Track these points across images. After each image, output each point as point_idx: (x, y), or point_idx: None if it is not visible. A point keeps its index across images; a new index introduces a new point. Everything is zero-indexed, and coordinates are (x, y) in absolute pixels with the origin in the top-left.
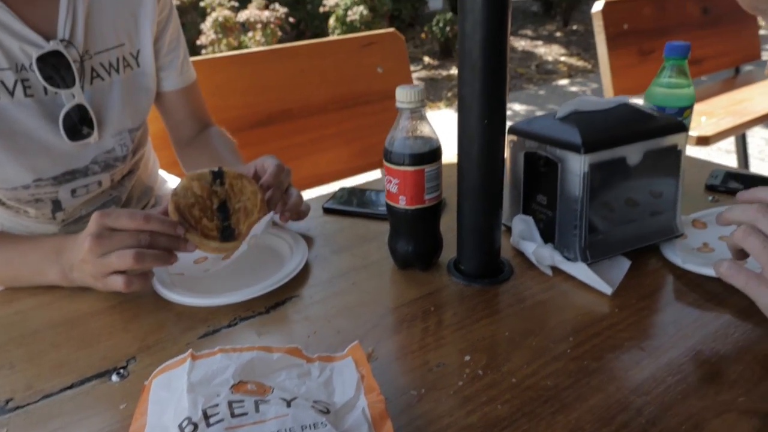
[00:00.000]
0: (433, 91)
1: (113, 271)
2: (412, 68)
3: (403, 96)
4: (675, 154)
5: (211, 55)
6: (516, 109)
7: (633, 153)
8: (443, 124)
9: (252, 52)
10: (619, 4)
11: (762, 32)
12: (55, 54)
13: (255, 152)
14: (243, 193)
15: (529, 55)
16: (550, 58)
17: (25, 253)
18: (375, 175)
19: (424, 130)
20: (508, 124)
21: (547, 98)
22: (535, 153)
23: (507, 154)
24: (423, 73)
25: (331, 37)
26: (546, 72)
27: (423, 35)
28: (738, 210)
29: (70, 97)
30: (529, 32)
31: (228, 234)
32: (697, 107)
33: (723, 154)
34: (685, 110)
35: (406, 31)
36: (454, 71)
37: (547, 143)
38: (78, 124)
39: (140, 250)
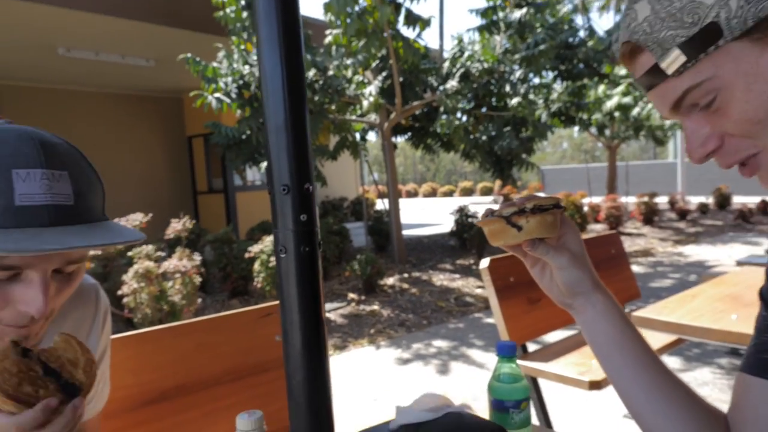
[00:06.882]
0: (357, 328)
1: None
2: (336, 305)
3: (243, 425)
4: None
5: None
6: (437, 344)
7: None
8: (365, 364)
9: (146, 332)
10: (504, 259)
11: (638, 271)
12: None
13: (147, 431)
14: (55, 348)
15: (447, 289)
16: (467, 291)
17: None
18: None
19: None
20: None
21: (466, 330)
22: None
23: None
24: (348, 309)
25: (228, 312)
26: (464, 305)
27: (347, 273)
28: None
29: None
30: (447, 266)
31: (72, 390)
32: (588, 350)
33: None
34: (522, 402)
35: (332, 268)
36: (376, 307)
37: None
38: None
39: None
